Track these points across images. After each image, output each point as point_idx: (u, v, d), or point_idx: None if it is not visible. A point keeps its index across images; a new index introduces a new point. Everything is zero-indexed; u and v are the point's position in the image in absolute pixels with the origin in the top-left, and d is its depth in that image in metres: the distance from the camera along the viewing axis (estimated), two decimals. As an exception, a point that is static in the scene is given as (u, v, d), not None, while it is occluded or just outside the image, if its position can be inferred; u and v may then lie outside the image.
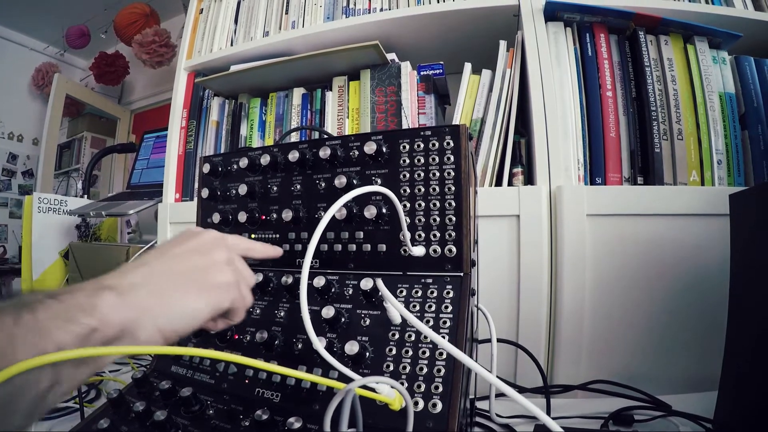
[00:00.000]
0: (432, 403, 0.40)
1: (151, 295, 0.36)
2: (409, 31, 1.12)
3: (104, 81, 2.90)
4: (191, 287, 0.39)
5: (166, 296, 0.37)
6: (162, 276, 0.38)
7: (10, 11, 2.86)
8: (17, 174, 3.28)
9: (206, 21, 1.36)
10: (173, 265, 0.40)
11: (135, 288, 0.35)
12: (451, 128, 0.51)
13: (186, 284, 0.39)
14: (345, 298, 0.51)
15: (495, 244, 0.86)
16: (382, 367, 0.44)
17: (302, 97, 1.20)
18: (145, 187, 1.81)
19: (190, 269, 0.40)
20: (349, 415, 0.31)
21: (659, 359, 0.82)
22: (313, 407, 0.44)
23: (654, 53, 0.91)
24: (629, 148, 0.89)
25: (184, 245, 0.42)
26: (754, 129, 0.88)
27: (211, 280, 0.41)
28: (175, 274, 0.39)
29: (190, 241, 0.43)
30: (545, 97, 0.90)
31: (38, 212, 1.59)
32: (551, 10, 0.93)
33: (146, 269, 0.38)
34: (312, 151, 0.57)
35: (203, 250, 0.43)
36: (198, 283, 0.40)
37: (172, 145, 1.29)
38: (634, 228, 0.83)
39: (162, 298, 0.37)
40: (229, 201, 0.64)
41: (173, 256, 0.41)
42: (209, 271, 0.41)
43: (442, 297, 0.47)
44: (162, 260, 0.40)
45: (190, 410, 0.47)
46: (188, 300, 0.38)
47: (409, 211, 0.51)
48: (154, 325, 0.35)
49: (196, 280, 0.40)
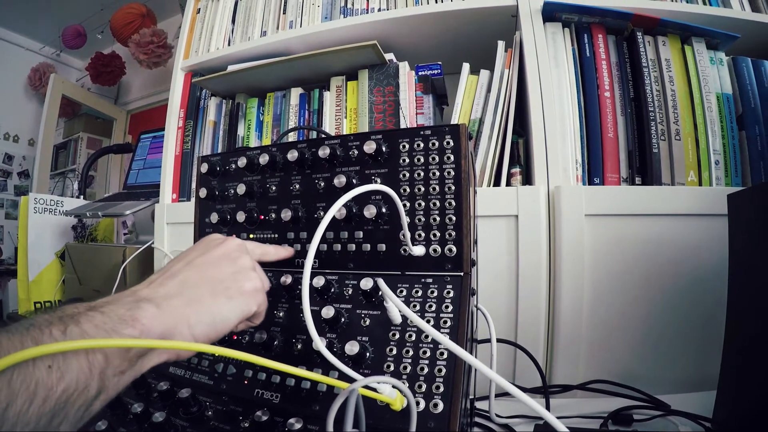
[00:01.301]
0: (433, 403, 0.40)
1: (186, 304, 0.38)
2: (407, 31, 1.12)
3: (100, 81, 2.89)
4: (222, 294, 0.41)
5: (200, 305, 0.39)
6: (195, 286, 0.40)
7: (6, 11, 2.84)
8: (13, 175, 3.27)
9: (203, 21, 1.36)
10: (204, 274, 0.42)
11: (171, 298, 0.37)
12: (451, 127, 0.51)
13: (217, 292, 0.41)
14: (344, 298, 0.51)
15: (493, 244, 0.86)
16: (383, 367, 0.44)
17: (300, 97, 1.20)
18: (142, 187, 1.81)
19: (220, 277, 0.42)
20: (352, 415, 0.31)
21: (658, 359, 0.82)
22: (313, 408, 0.44)
23: (652, 54, 0.92)
24: (627, 148, 0.89)
25: (211, 254, 0.44)
26: (751, 129, 0.88)
27: (240, 286, 0.43)
28: (206, 283, 0.41)
29: (216, 249, 0.45)
30: (543, 98, 0.90)
31: (34, 213, 1.59)
32: (549, 11, 0.93)
33: (179, 279, 0.40)
34: (311, 151, 0.57)
35: (230, 258, 0.44)
36: (228, 290, 0.42)
37: (169, 146, 1.28)
38: (632, 228, 0.83)
39: (196, 307, 0.38)
40: (228, 201, 0.63)
41: (202, 265, 0.43)
42: (238, 278, 0.43)
43: (442, 296, 0.47)
44: (192, 270, 0.42)
45: (189, 411, 0.47)
46: (220, 307, 0.40)
47: (409, 210, 0.51)
48: (190, 333, 0.37)
49: (227, 288, 0.42)
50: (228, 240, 0.47)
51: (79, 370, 0.29)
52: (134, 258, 1.31)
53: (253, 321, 0.47)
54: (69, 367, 0.28)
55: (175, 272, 0.41)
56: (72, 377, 0.28)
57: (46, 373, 0.27)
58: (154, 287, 0.39)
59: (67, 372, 0.28)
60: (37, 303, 1.57)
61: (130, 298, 0.35)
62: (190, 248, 0.46)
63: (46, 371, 0.27)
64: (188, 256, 0.44)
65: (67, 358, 0.28)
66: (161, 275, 0.41)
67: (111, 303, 0.34)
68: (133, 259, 1.31)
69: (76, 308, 0.32)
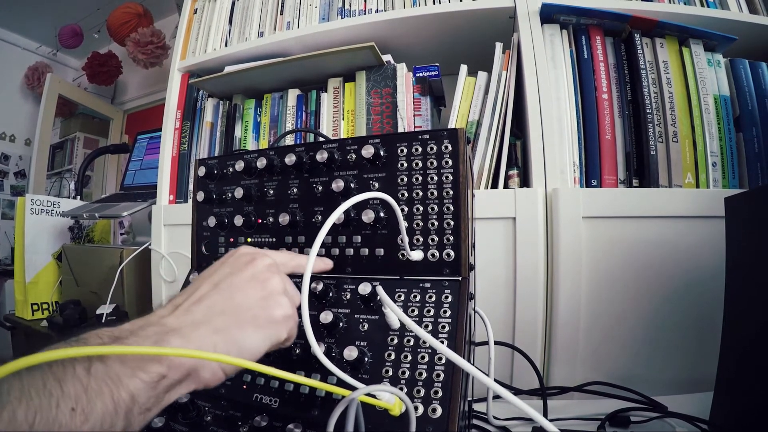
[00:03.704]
0: (431, 408, 0.40)
1: (213, 333, 0.36)
2: (404, 32, 1.12)
3: (97, 81, 2.88)
4: (251, 324, 0.38)
5: (228, 334, 0.36)
6: (221, 313, 0.38)
7: (2, 11, 2.83)
8: (9, 174, 3.25)
9: (200, 21, 1.36)
10: (231, 301, 0.39)
11: (197, 328, 0.35)
12: (449, 132, 0.51)
13: (246, 321, 0.38)
14: (342, 302, 0.51)
15: (491, 246, 0.86)
16: (381, 372, 0.44)
17: (297, 98, 1.19)
18: (139, 188, 1.80)
19: (247, 304, 0.39)
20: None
21: (655, 360, 0.83)
22: (312, 413, 0.44)
23: (649, 56, 0.92)
24: (625, 150, 0.89)
25: (239, 275, 0.41)
26: (748, 131, 0.88)
27: (270, 315, 0.40)
28: (233, 311, 0.38)
29: (245, 270, 0.42)
30: (541, 99, 0.90)
31: (31, 214, 1.58)
32: (547, 13, 0.93)
33: (206, 305, 0.38)
34: (309, 155, 0.57)
35: (259, 280, 0.41)
36: (257, 319, 0.39)
37: (166, 147, 1.28)
38: (630, 230, 0.84)
39: (224, 337, 0.36)
40: (225, 204, 0.63)
41: (229, 289, 0.40)
42: (268, 305, 0.40)
43: (440, 301, 0.47)
44: (219, 294, 0.39)
45: (188, 416, 0.47)
46: (249, 337, 0.38)
47: (407, 215, 0.51)
48: (219, 366, 0.36)
49: (256, 317, 0.39)
50: (257, 258, 0.43)
51: (105, 411, 0.27)
52: (131, 260, 1.31)
53: (284, 345, 0.44)
54: (93, 409, 0.27)
55: (201, 296, 0.39)
56: (97, 419, 0.27)
57: (69, 417, 0.25)
58: (180, 314, 0.37)
59: (91, 414, 0.26)
60: (34, 305, 1.56)
61: (157, 329, 0.34)
62: (217, 263, 0.44)
63: (69, 414, 0.25)
64: (215, 275, 0.41)
65: (91, 400, 0.27)
66: (187, 298, 0.39)
67: (137, 334, 0.32)
68: (131, 260, 1.31)
69: (100, 338, 0.31)
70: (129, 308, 1.30)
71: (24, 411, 0.24)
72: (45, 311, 1.59)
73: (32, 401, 0.24)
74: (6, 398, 0.24)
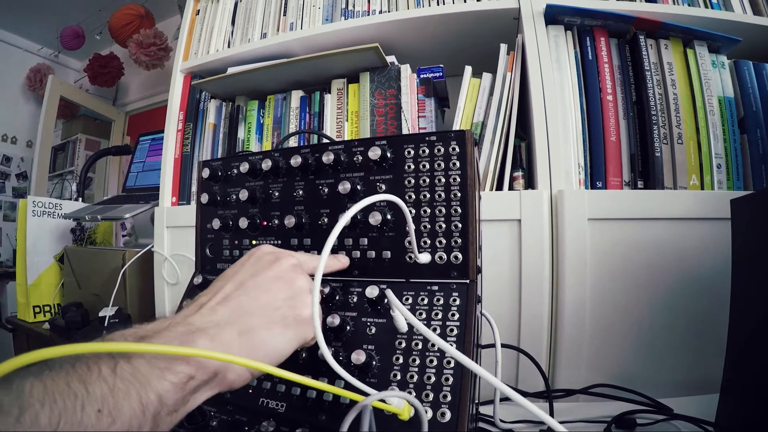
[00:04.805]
0: (441, 412, 0.40)
1: (240, 334, 0.35)
2: (408, 33, 1.12)
3: (99, 82, 2.88)
4: (278, 324, 0.38)
5: (254, 335, 0.36)
6: (248, 314, 0.37)
7: (3, 12, 2.83)
8: (11, 176, 3.26)
9: (203, 22, 1.35)
10: (258, 301, 0.39)
11: (223, 328, 0.35)
12: (456, 133, 0.50)
13: (273, 321, 0.38)
14: (349, 305, 0.50)
15: (496, 248, 0.86)
16: (389, 376, 0.43)
17: (300, 99, 1.19)
18: (141, 190, 1.80)
19: (275, 304, 0.39)
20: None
21: (661, 363, 0.82)
22: (320, 417, 0.43)
23: (654, 57, 0.92)
24: (629, 152, 0.89)
25: (264, 275, 0.41)
26: (753, 133, 0.88)
27: (298, 314, 0.40)
28: (261, 309, 0.38)
29: (270, 269, 0.42)
30: (546, 101, 0.89)
31: (33, 216, 1.58)
32: (552, 14, 0.93)
33: (232, 306, 0.38)
34: (315, 156, 0.57)
35: (285, 280, 0.41)
36: (285, 319, 0.39)
37: (169, 148, 1.28)
38: (635, 232, 0.83)
39: (251, 338, 0.36)
40: (230, 206, 0.63)
41: (255, 289, 0.40)
42: (295, 304, 0.40)
43: (448, 304, 0.47)
44: (244, 294, 0.39)
45: (194, 422, 0.46)
46: (276, 338, 0.38)
47: (414, 217, 0.51)
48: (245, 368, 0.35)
49: (283, 317, 0.39)
50: (281, 258, 0.43)
51: (132, 413, 0.27)
52: (134, 262, 1.31)
53: (309, 344, 0.43)
54: (121, 411, 0.26)
55: (226, 296, 0.38)
56: (125, 421, 0.26)
57: (96, 419, 0.25)
58: (205, 314, 0.36)
59: (119, 416, 0.26)
60: (35, 307, 1.56)
61: (183, 329, 0.33)
62: (239, 263, 0.43)
63: (96, 416, 0.25)
64: (239, 275, 0.41)
65: (118, 401, 0.26)
66: (211, 297, 0.38)
67: (162, 334, 0.32)
68: (133, 262, 1.30)
69: (125, 337, 0.30)
70: (131, 311, 1.30)
71: (48, 413, 0.23)
72: (47, 313, 1.59)
73: (56, 403, 0.23)
74: (28, 400, 0.23)
